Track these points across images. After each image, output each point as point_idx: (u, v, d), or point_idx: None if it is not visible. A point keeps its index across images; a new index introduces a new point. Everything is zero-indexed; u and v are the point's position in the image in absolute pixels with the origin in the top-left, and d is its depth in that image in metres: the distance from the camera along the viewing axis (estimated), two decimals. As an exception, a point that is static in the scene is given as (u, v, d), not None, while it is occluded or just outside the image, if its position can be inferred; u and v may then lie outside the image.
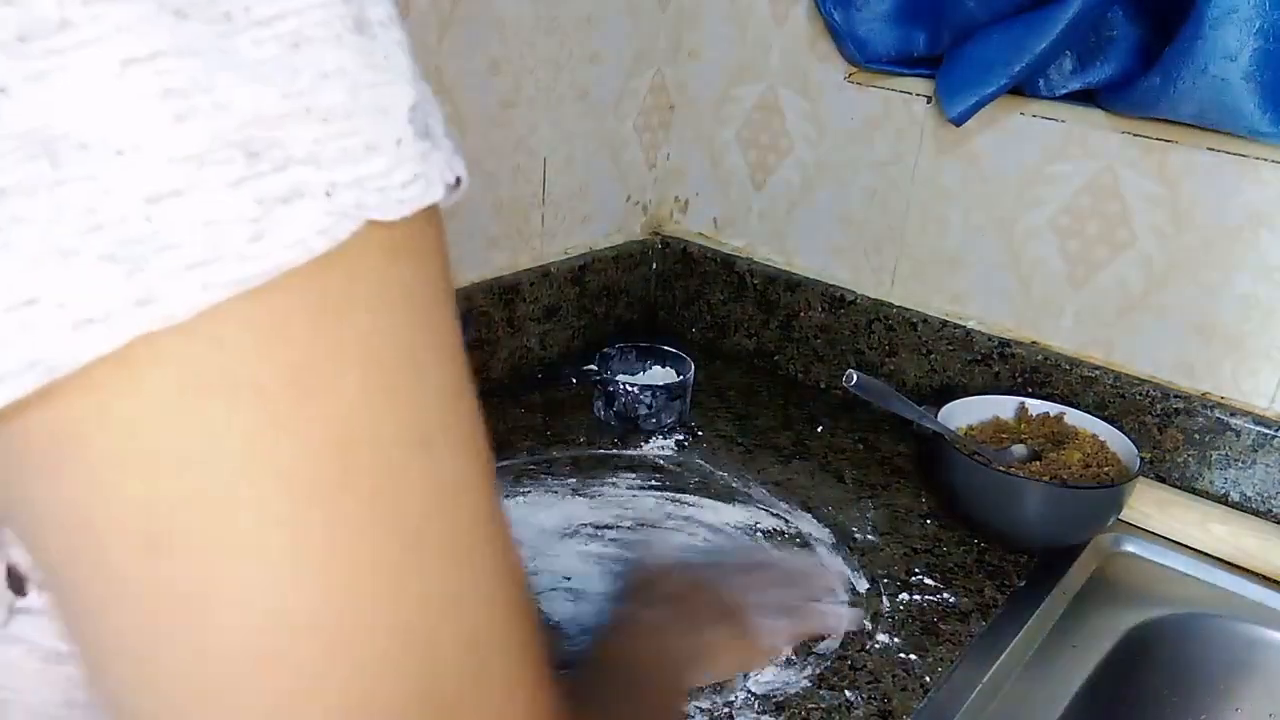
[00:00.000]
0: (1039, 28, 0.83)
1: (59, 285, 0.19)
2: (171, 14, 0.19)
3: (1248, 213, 0.84)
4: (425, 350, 0.24)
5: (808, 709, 0.65)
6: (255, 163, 0.20)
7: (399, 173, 0.22)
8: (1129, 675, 0.76)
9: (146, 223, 0.19)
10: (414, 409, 0.23)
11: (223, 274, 0.20)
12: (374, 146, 0.22)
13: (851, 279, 1.08)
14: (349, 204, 0.21)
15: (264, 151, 0.20)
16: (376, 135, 0.22)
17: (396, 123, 0.22)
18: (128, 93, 0.19)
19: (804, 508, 0.88)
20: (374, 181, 0.22)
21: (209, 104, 0.19)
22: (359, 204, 0.21)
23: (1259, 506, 0.88)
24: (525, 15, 0.94)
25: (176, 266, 0.20)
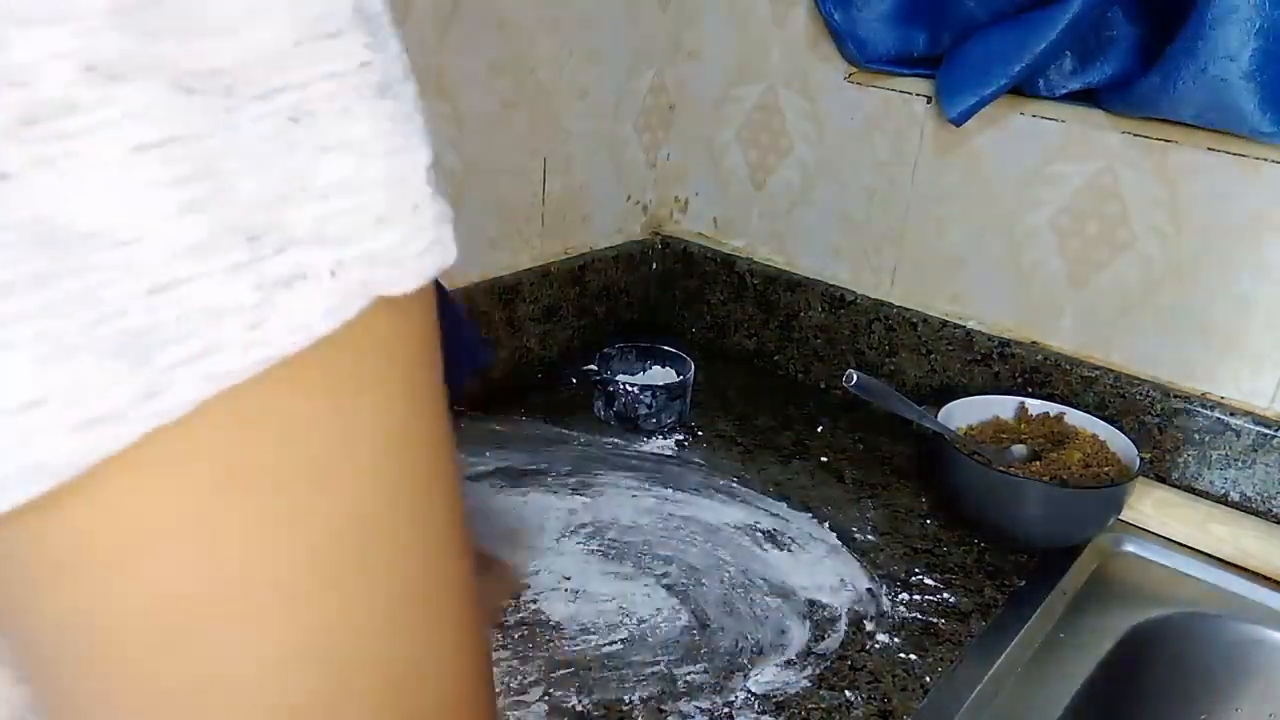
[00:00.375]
0: (1039, 28, 0.83)
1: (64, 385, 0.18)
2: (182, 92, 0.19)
3: (1248, 213, 0.84)
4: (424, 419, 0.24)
5: (808, 709, 0.65)
6: (256, 247, 0.19)
7: (415, 242, 0.21)
8: (1129, 675, 0.76)
9: (148, 315, 0.19)
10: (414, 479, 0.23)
11: (224, 364, 0.19)
12: (385, 219, 0.21)
13: (851, 279, 1.08)
14: (355, 282, 0.20)
15: (264, 235, 0.19)
16: (389, 206, 0.21)
17: (414, 188, 0.21)
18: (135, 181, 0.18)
19: (804, 508, 0.88)
20: (386, 255, 0.21)
21: (213, 189, 0.19)
22: (366, 281, 0.21)
23: (1259, 506, 0.88)
24: (525, 15, 0.94)
25: (179, 359, 0.19)
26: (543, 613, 0.72)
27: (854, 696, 0.67)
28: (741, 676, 0.68)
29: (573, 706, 0.64)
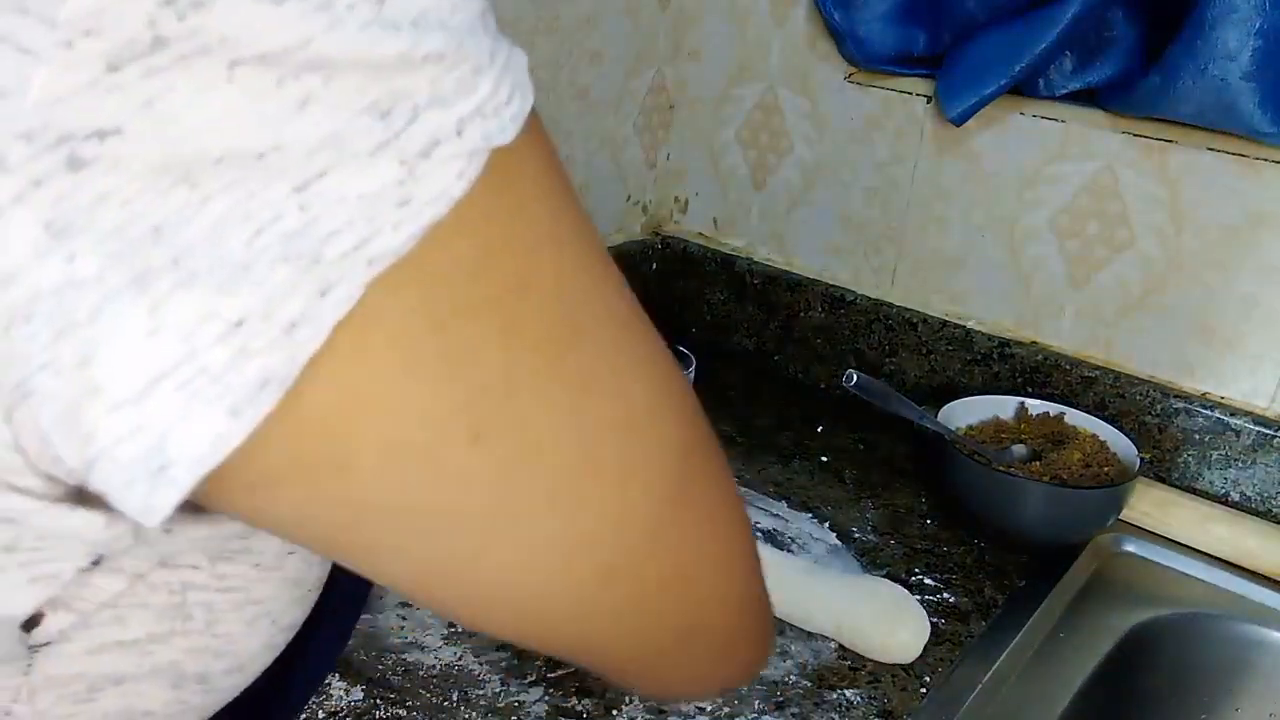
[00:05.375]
0: (1039, 27, 0.83)
1: (253, 301, 0.19)
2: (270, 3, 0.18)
3: (1248, 213, 0.84)
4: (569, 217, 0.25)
5: (808, 709, 0.65)
6: (389, 122, 0.20)
7: (502, 88, 0.22)
8: (1129, 675, 0.76)
9: (302, 213, 0.19)
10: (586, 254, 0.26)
11: (382, 245, 0.20)
12: (479, 69, 0.21)
13: (851, 279, 1.08)
14: (477, 138, 0.21)
15: (394, 107, 0.20)
16: (476, 58, 0.21)
17: (482, 38, 0.22)
18: (243, 95, 0.18)
19: (804, 508, 0.88)
20: (488, 105, 0.21)
21: (324, 79, 0.19)
22: (485, 135, 0.21)
23: (1259, 506, 0.88)
24: (525, 15, 0.94)
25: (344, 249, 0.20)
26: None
27: (854, 696, 0.67)
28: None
29: (573, 706, 0.64)
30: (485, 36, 0.22)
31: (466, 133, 0.21)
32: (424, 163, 0.20)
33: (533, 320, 0.23)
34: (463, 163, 0.21)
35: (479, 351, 0.22)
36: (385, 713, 0.62)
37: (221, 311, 0.19)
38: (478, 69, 0.21)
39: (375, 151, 0.20)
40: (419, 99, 0.20)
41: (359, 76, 0.19)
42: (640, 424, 0.26)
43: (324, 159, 0.19)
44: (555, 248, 0.24)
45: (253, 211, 0.19)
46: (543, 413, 0.24)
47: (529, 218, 0.23)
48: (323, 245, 0.19)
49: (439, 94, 0.20)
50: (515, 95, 0.22)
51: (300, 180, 0.19)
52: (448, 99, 0.21)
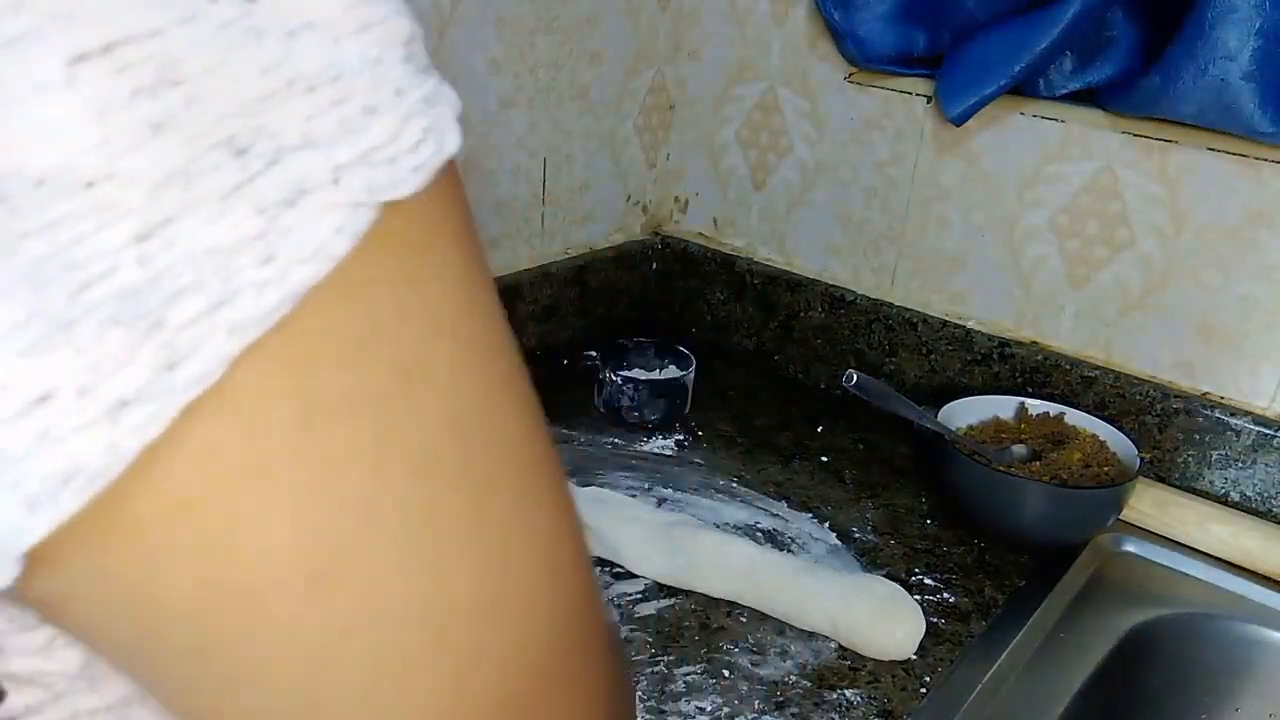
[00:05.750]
0: (1039, 27, 0.83)
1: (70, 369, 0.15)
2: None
3: (1248, 213, 0.84)
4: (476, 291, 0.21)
5: (808, 709, 0.65)
6: (245, 161, 0.16)
7: (407, 133, 0.18)
8: (1129, 675, 0.76)
9: (143, 267, 0.15)
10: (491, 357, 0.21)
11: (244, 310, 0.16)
12: (373, 108, 0.18)
13: (851, 279, 1.08)
14: (359, 188, 0.17)
15: (252, 146, 0.16)
16: (373, 92, 0.18)
17: (393, 69, 0.18)
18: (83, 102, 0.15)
19: (804, 508, 0.88)
20: (381, 152, 0.18)
21: (184, 98, 0.15)
22: (370, 186, 0.18)
23: (1259, 506, 0.87)
24: (525, 15, 0.94)
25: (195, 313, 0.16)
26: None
27: (854, 696, 0.67)
28: (741, 676, 0.68)
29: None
30: (395, 68, 0.18)
31: (346, 181, 0.17)
32: (288, 213, 0.17)
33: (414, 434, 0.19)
34: (342, 216, 0.17)
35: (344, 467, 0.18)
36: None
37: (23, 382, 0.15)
38: (370, 108, 0.18)
39: (227, 196, 0.16)
40: (284, 139, 0.17)
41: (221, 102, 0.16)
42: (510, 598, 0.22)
43: (171, 200, 0.15)
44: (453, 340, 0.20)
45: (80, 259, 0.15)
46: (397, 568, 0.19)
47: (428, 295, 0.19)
48: (167, 307, 0.16)
49: (312, 134, 0.17)
50: (426, 142, 0.19)
51: (143, 226, 0.15)
52: (322, 140, 0.17)
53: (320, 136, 0.17)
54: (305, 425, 0.18)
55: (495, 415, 0.21)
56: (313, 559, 0.18)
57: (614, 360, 1.00)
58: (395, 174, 0.18)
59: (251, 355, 0.17)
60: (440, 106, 0.19)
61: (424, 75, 0.19)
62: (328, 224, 0.17)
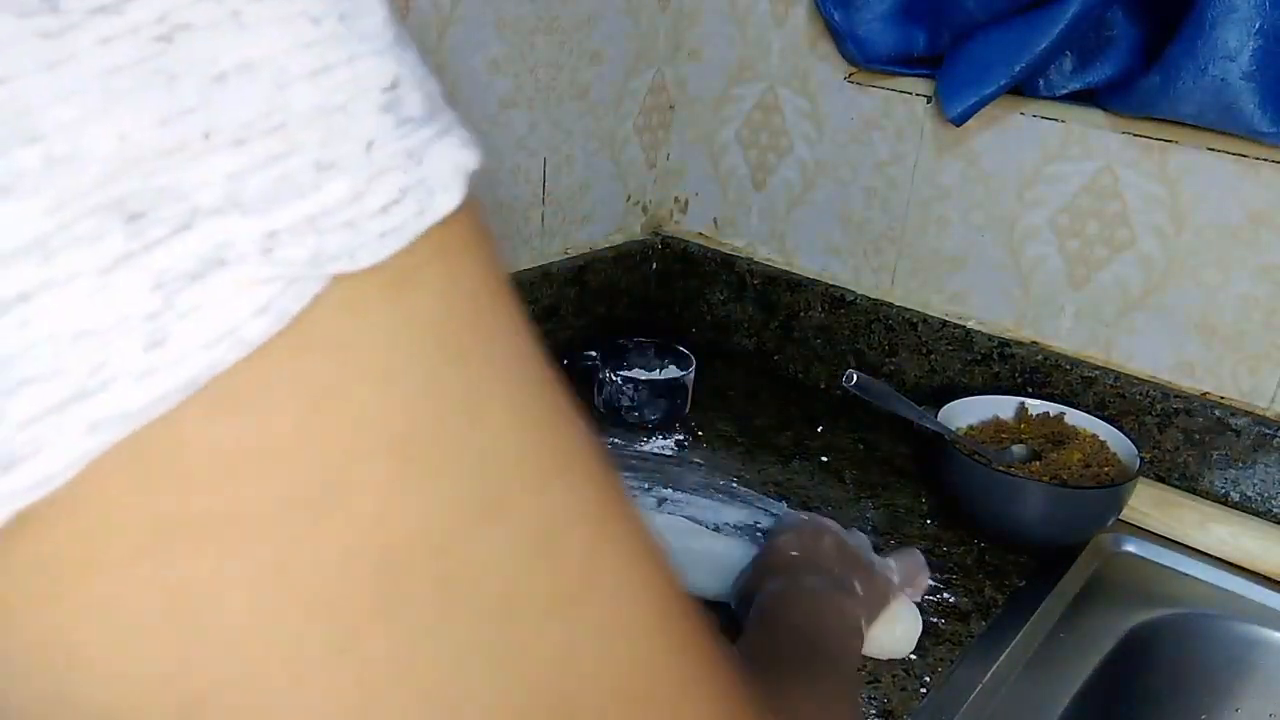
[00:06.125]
0: (1039, 27, 0.83)
1: None
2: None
3: (1248, 213, 0.84)
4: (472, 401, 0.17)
5: (808, 709, 0.65)
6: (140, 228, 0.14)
7: (375, 192, 0.15)
8: (1129, 675, 0.76)
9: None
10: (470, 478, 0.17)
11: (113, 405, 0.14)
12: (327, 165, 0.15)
13: (851, 279, 1.08)
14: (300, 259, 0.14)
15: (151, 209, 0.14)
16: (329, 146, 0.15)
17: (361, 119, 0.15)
18: None
19: (804, 508, 0.88)
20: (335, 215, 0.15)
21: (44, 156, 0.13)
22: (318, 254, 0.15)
23: (1259, 506, 0.87)
24: (525, 15, 0.94)
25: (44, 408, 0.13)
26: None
27: (854, 696, 0.67)
28: (741, 676, 0.67)
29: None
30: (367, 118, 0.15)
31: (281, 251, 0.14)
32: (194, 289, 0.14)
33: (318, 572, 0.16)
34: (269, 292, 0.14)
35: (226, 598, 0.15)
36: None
37: None
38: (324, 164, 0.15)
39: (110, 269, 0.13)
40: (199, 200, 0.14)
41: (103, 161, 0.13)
42: None
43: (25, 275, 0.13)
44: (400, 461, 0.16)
45: None
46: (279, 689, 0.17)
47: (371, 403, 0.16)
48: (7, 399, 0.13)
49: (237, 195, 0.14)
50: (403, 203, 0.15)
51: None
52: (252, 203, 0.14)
53: (249, 198, 0.14)
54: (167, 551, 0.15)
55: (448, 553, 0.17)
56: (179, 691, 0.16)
57: (614, 360, 1.00)
58: (355, 240, 0.15)
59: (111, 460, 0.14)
60: (434, 162, 0.16)
61: (413, 126, 0.16)
62: (247, 302, 0.14)
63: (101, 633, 0.15)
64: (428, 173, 0.16)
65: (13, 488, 0.14)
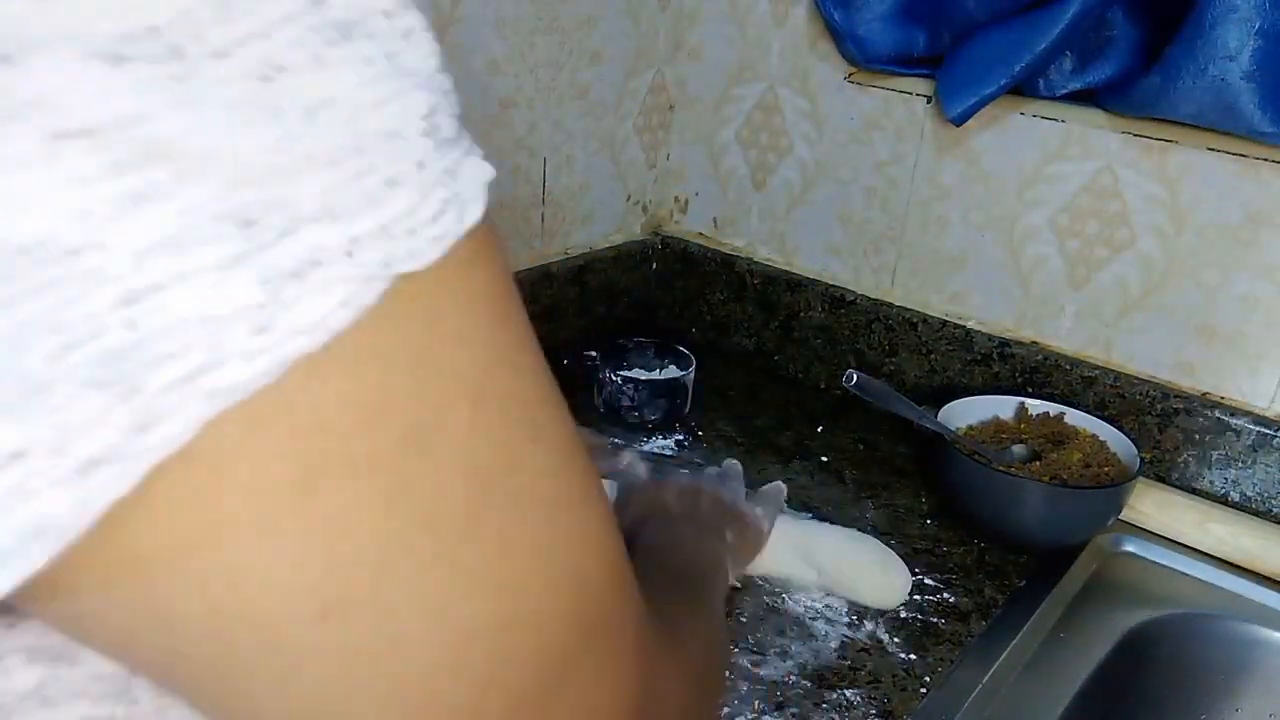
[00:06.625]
0: (1039, 27, 0.83)
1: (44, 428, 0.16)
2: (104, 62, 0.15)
3: (1248, 213, 0.84)
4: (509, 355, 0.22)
5: (808, 709, 0.65)
6: (252, 233, 0.16)
7: (427, 205, 0.19)
8: (1129, 675, 0.76)
9: (127, 331, 0.16)
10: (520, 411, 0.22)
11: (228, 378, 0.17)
12: (395, 181, 0.18)
13: (851, 279, 1.08)
14: (375, 261, 0.18)
15: (262, 218, 0.17)
16: (394, 165, 0.18)
17: (412, 142, 0.18)
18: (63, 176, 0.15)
19: (804, 508, 0.88)
20: (400, 224, 0.18)
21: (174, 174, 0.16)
22: (386, 259, 0.18)
23: (1259, 506, 0.87)
24: (525, 15, 0.94)
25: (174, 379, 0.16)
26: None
27: (854, 696, 0.67)
28: (741, 676, 0.68)
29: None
30: (415, 142, 0.19)
31: (361, 254, 0.18)
32: (294, 285, 0.17)
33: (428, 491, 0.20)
34: (351, 289, 0.18)
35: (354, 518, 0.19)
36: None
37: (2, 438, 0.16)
38: (393, 180, 0.18)
39: (229, 266, 0.16)
40: (300, 210, 0.17)
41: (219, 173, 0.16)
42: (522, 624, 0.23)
43: (159, 269, 0.16)
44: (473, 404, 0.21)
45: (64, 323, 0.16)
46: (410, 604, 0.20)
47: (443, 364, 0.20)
48: (146, 371, 0.16)
49: (331, 206, 0.17)
50: (446, 213, 0.19)
51: (128, 292, 0.16)
52: (341, 213, 0.17)
53: (340, 209, 0.17)
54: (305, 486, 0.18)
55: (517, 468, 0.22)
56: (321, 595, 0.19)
57: (614, 360, 1.00)
58: (414, 245, 0.19)
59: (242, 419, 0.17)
60: (464, 178, 0.20)
61: (447, 148, 0.19)
62: (333, 297, 0.17)
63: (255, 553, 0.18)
64: (461, 187, 0.20)
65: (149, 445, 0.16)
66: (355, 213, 0.18)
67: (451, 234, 0.19)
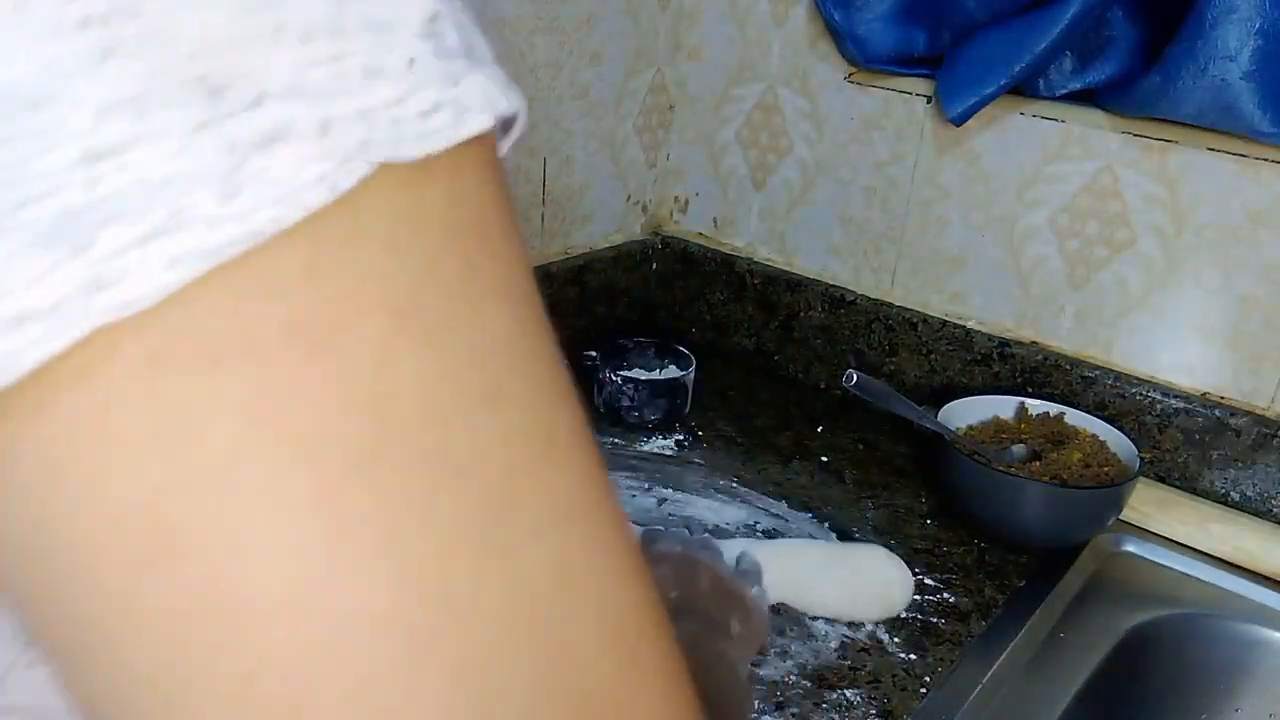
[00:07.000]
0: (1039, 27, 0.83)
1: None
2: None
3: (1248, 213, 0.84)
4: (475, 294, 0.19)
5: (808, 709, 0.65)
6: (219, 101, 0.16)
7: (415, 101, 0.18)
8: (1129, 675, 0.76)
9: (87, 190, 0.16)
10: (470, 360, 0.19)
11: (189, 242, 0.16)
12: (375, 71, 0.17)
13: (851, 279, 1.08)
14: (352, 144, 0.17)
15: (229, 86, 0.16)
16: (377, 56, 0.18)
17: (404, 39, 0.18)
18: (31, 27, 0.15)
19: (804, 508, 0.88)
20: (381, 114, 0.17)
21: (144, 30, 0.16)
22: (364, 144, 0.17)
23: (1259, 507, 0.87)
24: (525, 15, 0.94)
25: (130, 240, 0.16)
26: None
27: (854, 696, 0.67)
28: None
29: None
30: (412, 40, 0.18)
31: (335, 135, 0.17)
32: (262, 156, 0.17)
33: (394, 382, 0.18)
34: (326, 167, 0.17)
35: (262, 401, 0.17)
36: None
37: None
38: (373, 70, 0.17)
39: (193, 131, 0.16)
40: (268, 83, 0.17)
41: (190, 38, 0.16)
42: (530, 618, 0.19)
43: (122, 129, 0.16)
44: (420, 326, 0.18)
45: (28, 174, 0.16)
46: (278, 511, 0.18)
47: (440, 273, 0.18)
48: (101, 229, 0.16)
49: (300, 83, 0.17)
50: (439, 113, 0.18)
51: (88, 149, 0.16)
52: (312, 91, 0.17)
53: (311, 87, 0.17)
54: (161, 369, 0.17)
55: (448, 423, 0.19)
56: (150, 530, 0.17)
57: (614, 360, 1.00)
58: (398, 135, 0.18)
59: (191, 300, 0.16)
60: (469, 87, 0.19)
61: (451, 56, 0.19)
62: (308, 172, 0.17)
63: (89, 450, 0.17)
64: (462, 95, 0.19)
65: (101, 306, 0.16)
66: (328, 94, 0.17)
67: (445, 135, 0.18)
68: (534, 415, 0.20)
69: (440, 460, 0.18)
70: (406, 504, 0.18)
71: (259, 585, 0.17)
